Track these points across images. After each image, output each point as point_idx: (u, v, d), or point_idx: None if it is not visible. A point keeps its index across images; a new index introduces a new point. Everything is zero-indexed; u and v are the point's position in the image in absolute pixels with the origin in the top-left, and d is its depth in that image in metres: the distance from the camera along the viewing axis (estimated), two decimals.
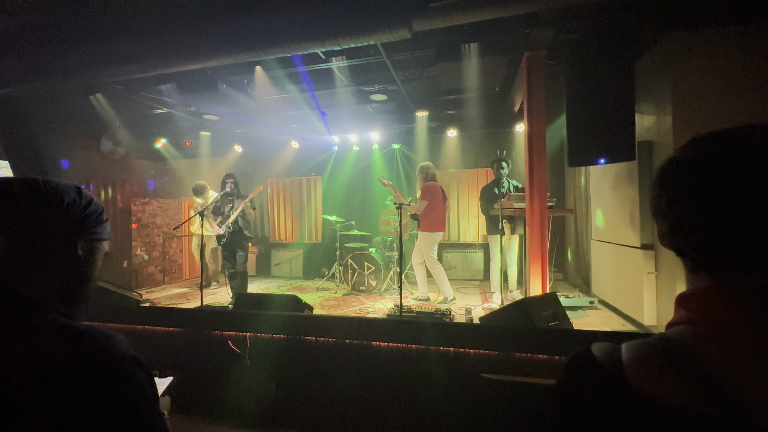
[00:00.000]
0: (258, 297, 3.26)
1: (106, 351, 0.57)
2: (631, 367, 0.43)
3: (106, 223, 0.72)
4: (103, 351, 0.56)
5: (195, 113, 5.33)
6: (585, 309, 4.18)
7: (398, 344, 2.53)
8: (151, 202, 7.04)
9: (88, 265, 0.69)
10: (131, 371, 0.58)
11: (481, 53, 3.48)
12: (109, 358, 0.56)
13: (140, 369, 0.60)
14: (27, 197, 0.62)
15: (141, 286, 6.41)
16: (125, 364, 0.57)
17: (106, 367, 0.55)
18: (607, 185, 4.20)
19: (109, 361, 0.56)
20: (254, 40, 2.52)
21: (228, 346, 2.75)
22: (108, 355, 0.56)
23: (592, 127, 2.97)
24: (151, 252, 6.91)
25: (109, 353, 0.56)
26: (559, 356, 2.34)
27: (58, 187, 0.65)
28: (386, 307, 4.35)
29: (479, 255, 6.25)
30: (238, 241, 4.55)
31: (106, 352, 0.56)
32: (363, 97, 4.70)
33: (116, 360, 0.57)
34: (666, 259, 3.18)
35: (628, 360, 0.44)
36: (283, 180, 7.50)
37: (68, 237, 0.65)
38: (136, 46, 2.77)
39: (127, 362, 0.57)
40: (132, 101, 4.67)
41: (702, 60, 2.91)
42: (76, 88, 3.73)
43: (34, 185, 0.63)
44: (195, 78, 4.14)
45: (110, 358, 0.56)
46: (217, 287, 6.06)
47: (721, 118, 2.90)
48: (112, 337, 0.59)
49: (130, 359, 0.58)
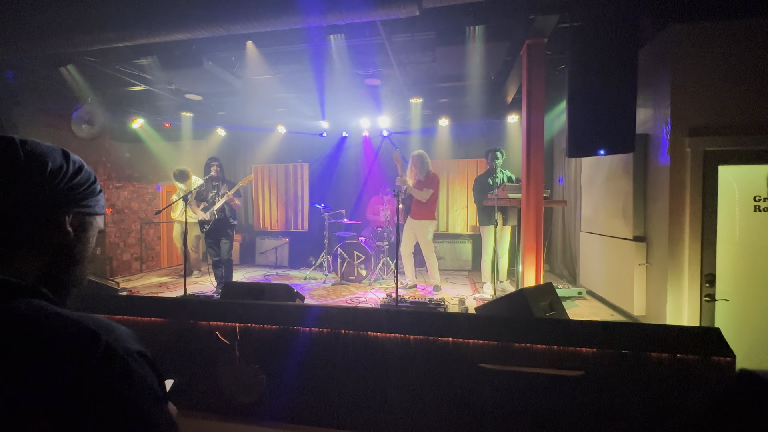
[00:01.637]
0: (247, 286, 3.12)
1: (107, 345, 0.47)
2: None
3: (100, 194, 0.62)
4: (104, 345, 0.47)
5: (176, 92, 5.02)
6: (574, 299, 4.24)
7: (395, 334, 2.47)
8: (126, 186, 6.67)
9: (79, 243, 0.58)
10: (137, 367, 0.49)
11: (481, 38, 3.39)
12: (111, 353, 0.47)
13: (147, 365, 0.51)
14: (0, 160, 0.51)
15: (116, 274, 6.11)
16: (130, 359, 0.49)
17: (107, 362, 0.46)
18: (600, 177, 4.24)
19: (112, 356, 0.47)
20: (248, 8, 2.33)
21: (216, 337, 2.61)
22: (109, 350, 0.47)
23: (593, 118, 2.95)
24: (126, 239, 6.57)
25: (110, 347, 0.47)
26: (557, 346, 2.34)
27: (40, 149, 0.54)
28: (377, 297, 4.28)
29: (468, 246, 6.26)
30: (223, 229, 4.36)
31: (107, 345, 0.47)
32: (356, 81, 4.54)
33: (119, 355, 0.48)
34: (658, 251, 3.23)
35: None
36: (268, 166, 7.26)
37: (54, 211, 0.54)
38: (115, 11, 2.51)
39: (131, 357, 0.49)
40: (107, 76, 4.34)
41: (702, 52, 2.92)
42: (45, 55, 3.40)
43: (9, 146, 0.52)
44: (177, 53, 3.87)
45: (112, 352, 0.47)
46: (199, 276, 5.83)
47: (718, 113, 2.93)
48: (114, 329, 0.50)
49: (135, 354, 0.50)
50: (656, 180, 3.27)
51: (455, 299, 4.03)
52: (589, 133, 2.99)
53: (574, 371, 1.90)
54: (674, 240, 3.02)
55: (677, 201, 3.01)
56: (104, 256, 6.12)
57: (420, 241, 4.47)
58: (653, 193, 3.33)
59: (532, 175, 3.52)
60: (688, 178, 2.97)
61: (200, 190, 4.41)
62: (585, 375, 1.88)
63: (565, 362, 2.32)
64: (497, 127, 6.31)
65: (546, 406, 2.21)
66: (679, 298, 3.03)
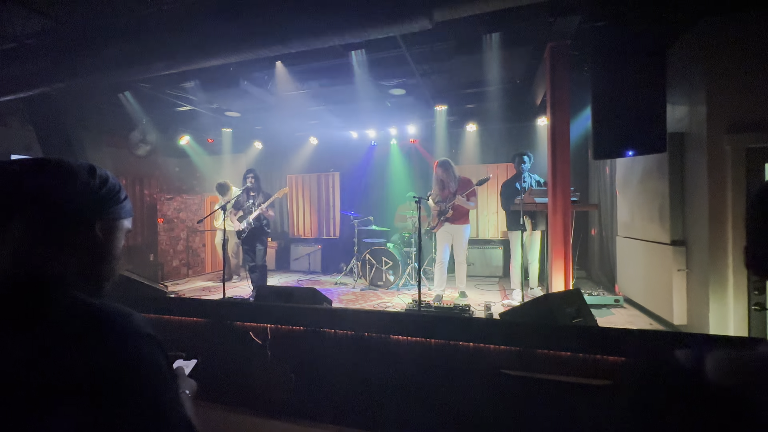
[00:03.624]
0: (278, 289, 3.31)
1: (122, 326, 0.56)
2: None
3: (125, 201, 0.70)
4: (118, 326, 0.56)
5: (217, 110, 5.45)
6: (609, 307, 4.05)
7: (417, 338, 2.52)
8: (175, 198, 7.26)
9: (109, 244, 0.67)
10: (147, 348, 0.57)
11: (501, 45, 3.40)
12: (124, 333, 0.56)
13: (156, 346, 0.58)
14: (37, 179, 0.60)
15: (166, 278, 6.63)
16: (141, 340, 0.56)
17: (120, 342, 0.55)
18: (634, 179, 4.05)
19: (124, 336, 0.55)
20: (275, 34, 2.54)
21: (249, 337, 2.81)
22: (123, 331, 0.56)
23: (619, 118, 2.86)
24: (175, 246, 7.13)
25: (123, 328, 0.56)
26: (583, 354, 2.28)
27: (70, 168, 0.64)
28: (404, 302, 4.34)
29: (498, 252, 6.15)
30: (258, 236, 4.64)
31: (122, 327, 0.56)
32: (382, 92, 4.69)
33: (131, 336, 0.56)
34: (698, 257, 3.04)
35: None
36: (302, 176, 7.59)
37: (85, 219, 0.64)
38: (162, 44, 2.85)
39: (142, 338, 0.57)
40: (158, 99, 4.82)
41: (738, 45, 2.75)
42: (106, 86, 3.88)
43: (44, 166, 0.62)
44: (217, 75, 4.23)
45: (125, 333, 0.56)
46: (238, 280, 6.20)
47: (759, 107, 2.74)
48: (129, 314, 0.59)
49: (145, 336, 0.58)
50: (694, 181, 3.09)
51: (481, 305, 4.00)
52: (616, 134, 2.89)
53: (601, 380, 1.85)
54: (716, 245, 2.84)
55: (718, 203, 2.83)
56: (156, 262, 6.68)
57: (456, 246, 4.42)
58: (691, 195, 3.15)
59: (559, 178, 3.45)
60: (730, 178, 2.79)
61: (237, 200, 4.74)
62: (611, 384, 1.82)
63: (591, 370, 2.25)
64: (527, 131, 6.19)
65: (570, 415, 2.17)
66: (724, 307, 2.83)
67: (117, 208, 0.69)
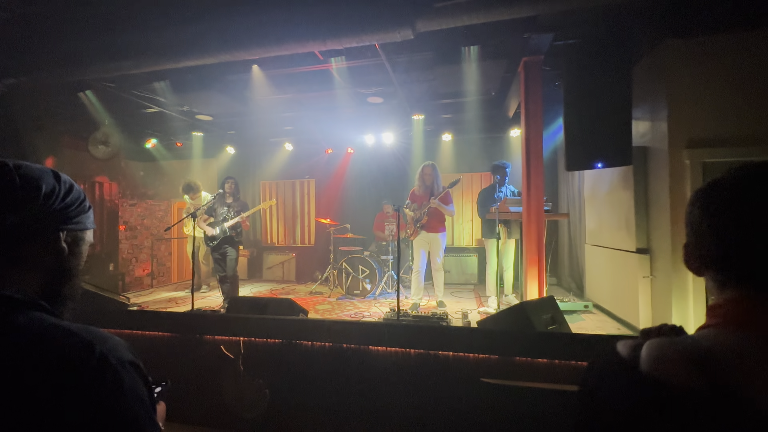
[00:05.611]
0: (252, 301, 3.18)
1: (101, 354, 0.50)
2: (653, 362, 0.46)
3: (89, 210, 0.65)
4: (98, 355, 0.50)
5: (187, 113, 5.23)
6: (580, 313, 4.19)
7: (397, 348, 2.48)
8: (139, 204, 6.88)
9: (74, 257, 0.62)
10: (128, 377, 0.52)
11: (479, 57, 3.49)
12: (105, 362, 0.50)
13: (138, 375, 0.54)
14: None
15: (128, 289, 6.24)
16: (122, 368, 0.51)
17: (100, 372, 0.49)
18: (601, 190, 4.24)
19: (105, 365, 0.50)
20: (252, 36, 2.47)
21: (221, 351, 2.67)
22: (103, 359, 0.50)
23: (589, 132, 2.99)
24: (138, 255, 6.73)
25: (104, 357, 0.50)
26: (559, 360, 2.33)
27: (34, 172, 0.57)
28: (381, 311, 4.29)
29: (473, 259, 6.25)
30: (229, 245, 4.46)
31: (101, 355, 0.50)
32: (359, 99, 4.68)
33: (112, 364, 0.50)
34: (662, 264, 3.21)
35: (649, 357, 0.47)
36: (276, 182, 7.42)
37: (49, 229, 0.58)
38: (131, 41, 2.69)
39: (123, 366, 0.52)
40: (123, 99, 4.56)
41: (697, 66, 2.96)
42: (65, 83, 3.62)
43: (3, 171, 0.55)
44: (189, 77, 4.06)
45: (105, 362, 0.50)
46: (208, 290, 5.92)
47: (715, 125, 2.95)
48: (109, 339, 0.53)
49: (127, 363, 0.52)
50: (657, 192, 3.27)
51: (458, 313, 4.03)
52: (586, 147, 3.03)
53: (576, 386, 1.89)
54: (678, 252, 3.01)
55: (679, 212, 3.01)
56: (117, 272, 6.27)
57: (433, 254, 4.44)
58: (654, 205, 3.33)
59: (533, 188, 3.55)
60: (689, 189, 2.97)
61: (211, 206, 4.54)
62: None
63: (566, 376, 2.30)
64: (500, 141, 6.37)
65: (548, 421, 2.19)
66: (686, 310, 2.99)
67: (83, 218, 0.63)
